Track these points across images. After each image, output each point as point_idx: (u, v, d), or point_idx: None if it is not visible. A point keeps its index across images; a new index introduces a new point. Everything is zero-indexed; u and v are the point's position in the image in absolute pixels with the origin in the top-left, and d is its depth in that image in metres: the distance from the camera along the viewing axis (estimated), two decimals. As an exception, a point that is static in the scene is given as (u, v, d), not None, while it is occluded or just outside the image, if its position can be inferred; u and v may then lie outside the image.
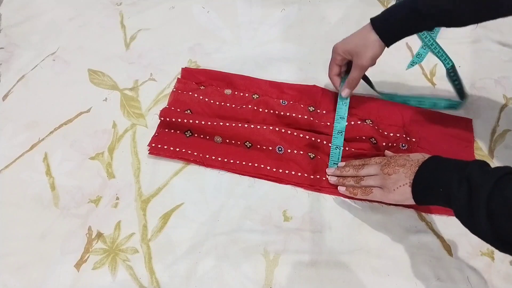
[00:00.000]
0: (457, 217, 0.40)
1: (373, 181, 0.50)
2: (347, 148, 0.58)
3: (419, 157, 0.46)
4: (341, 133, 0.58)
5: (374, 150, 0.58)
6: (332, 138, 0.59)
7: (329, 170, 0.57)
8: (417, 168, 0.45)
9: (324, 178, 0.57)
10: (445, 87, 0.66)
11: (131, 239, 0.53)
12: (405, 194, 0.45)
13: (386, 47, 0.53)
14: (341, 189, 0.54)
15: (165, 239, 0.53)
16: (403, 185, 0.45)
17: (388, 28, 0.51)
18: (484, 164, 0.40)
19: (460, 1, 0.45)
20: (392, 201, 0.48)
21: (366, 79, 0.63)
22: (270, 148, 0.59)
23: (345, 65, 0.58)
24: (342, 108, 0.60)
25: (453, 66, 0.65)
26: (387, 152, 0.57)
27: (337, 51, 0.56)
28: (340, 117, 0.60)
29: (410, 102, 0.65)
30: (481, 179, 0.38)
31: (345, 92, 0.58)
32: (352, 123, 0.60)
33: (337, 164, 0.57)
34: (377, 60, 0.54)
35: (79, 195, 0.58)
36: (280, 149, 0.59)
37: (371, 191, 0.50)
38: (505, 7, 0.45)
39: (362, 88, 0.65)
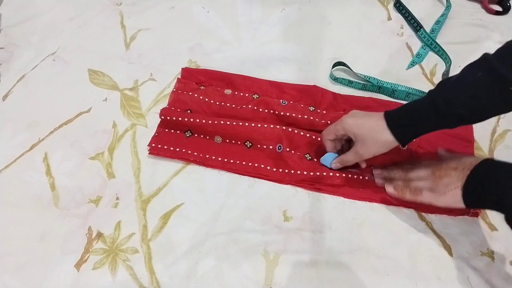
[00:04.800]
0: (507, 222, 0.40)
1: (423, 183, 0.49)
2: None
3: (471, 160, 0.45)
4: None
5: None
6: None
7: (376, 171, 0.56)
8: (469, 171, 0.44)
9: (324, 174, 0.56)
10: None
11: (131, 239, 0.53)
12: (456, 197, 0.44)
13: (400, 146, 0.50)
14: (389, 189, 0.53)
15: (165, 239, 0.53)
16: (455, 188, 0.45)
17: (405, 130, 0.48)
18: None
19: (481, 96, 0.42)
20: (442, 204, 0.47)
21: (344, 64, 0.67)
22: (271, 147, 0.59)
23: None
24: None
25: (449, 66, 0.65)
26: (441, 151, 0.55)
27: (345, 127, 0.51)
28: None
29: (384, 85, 0.65)
30: None
31: (334, 165, 0.56)
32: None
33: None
34: (378, 60, 0.53)
35: (79, 195, 0.58)
36: (279, 147, 0.59)
37: (420, 193, 0.49)
38: None
39: (362, 93, 0.65)
